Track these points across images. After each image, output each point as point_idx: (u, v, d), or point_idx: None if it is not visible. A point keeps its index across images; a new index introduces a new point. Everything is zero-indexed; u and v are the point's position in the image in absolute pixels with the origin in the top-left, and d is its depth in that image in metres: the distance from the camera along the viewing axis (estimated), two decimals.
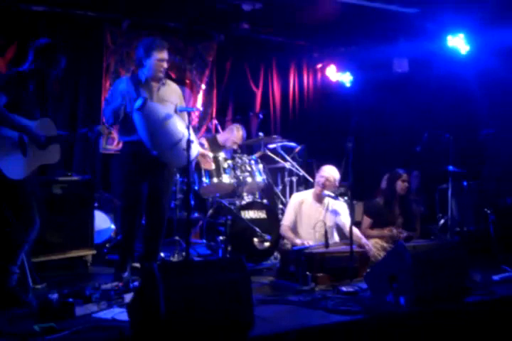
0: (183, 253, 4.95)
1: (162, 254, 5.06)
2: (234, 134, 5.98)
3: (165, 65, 4.41)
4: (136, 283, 3.74)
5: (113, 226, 5.65)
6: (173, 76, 7.05)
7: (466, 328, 3.56)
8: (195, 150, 4.45)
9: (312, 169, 6.35)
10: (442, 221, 6.05)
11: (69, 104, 6.55)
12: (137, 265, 4.71)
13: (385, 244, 5.02)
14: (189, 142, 4.08)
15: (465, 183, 6.06)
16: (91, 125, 4.17)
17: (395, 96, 7.29)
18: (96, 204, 5.60)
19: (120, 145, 5.16)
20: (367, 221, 5.31)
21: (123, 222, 4.52)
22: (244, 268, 3.14)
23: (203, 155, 4.85)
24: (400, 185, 5.28)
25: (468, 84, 6.68)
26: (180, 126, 4.32)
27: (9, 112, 3.57)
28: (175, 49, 7.13)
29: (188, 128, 4.15)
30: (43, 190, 4.76)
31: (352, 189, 4.68)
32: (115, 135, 6.51)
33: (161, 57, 4.37)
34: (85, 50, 6.65)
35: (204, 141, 5.71)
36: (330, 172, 5.06)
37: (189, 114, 4.32)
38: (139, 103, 4.13)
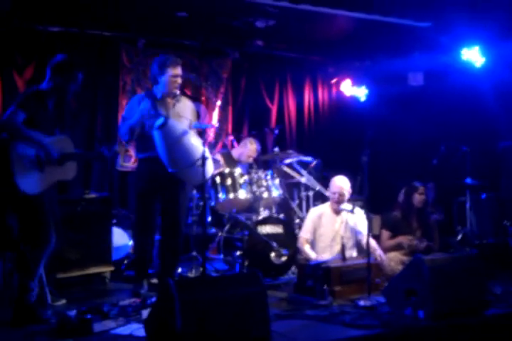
0: (201, 269, 4.96)
1: (179, 270, 5.08)
2: (248, 148, 6.02)
3: (179, 80, 4.47)
4: (153, 299, 3.76)
5: (131, 243, 5.68)
6: (188, 93, 7.11)
7: None
8: (211, 167, 4.48)
9: (328, 183, 6.34)
10: (461, 233, 5.99)
11: (86, 123, 6.62)
12: (155, 281, 4.73)
13: (403, 258, 4.98)
14: (204, 159, 4.11)
15: (483, 195, 6.01)
16: (109, 144, 4.23)
17: (411, 110, 7.28)
18: (114, 221, 5.64)
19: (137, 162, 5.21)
20: (385, 234, 5.28)
21: (135, 238, 4.58)
22: (260, 283, 3.14)
23: None
24: (417, 198, 5.27)
25: (484, 97, 6.63)
26: (196, 142, 4.35)
27: (28, 129, 3.65)
28: (190, 66, 7.22)
29: (203, 144, 4.19)
30: (61, 207, 4.83)
31: (368, 202, 4.67)
32: (132, 153, 6.60)
33: (175, 73, 4.43)
34: (102, 69, 6.75)
35: (219, 157, 5.74)
36: (340, 185, 5.07)
37: (204, 131, 4.36)
38: (160, 122, 4.19)
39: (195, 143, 4.34)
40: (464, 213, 5.69)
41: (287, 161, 6.03)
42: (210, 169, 4.40)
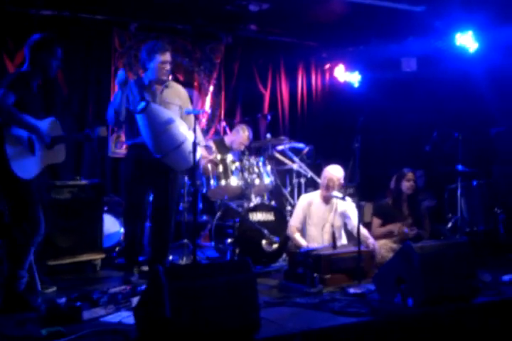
0: (192, 256, 4.96)
1: (171, 257, 5.07)
2: (240, 135, 5.99)
3: (167, 67, 4.42)
4: (143, 287, 3.75)
5: (122, 230, 5.67)
6: (181, 78, 7.07)
7: (475, 329, 3.52)
8: (198, 152, 4.46)
9: (321, 170, 6.31)
10: (452, 221, 6.00)
11: (78, 108, 6.59)
12: (146, 269, 4.73)
13: (393, 245, 4.99)
14: (195, 145, 4.09)
15: (474, 183, 6.00)
16: (93, 126, 4.19)
17: (404, 96, 7.26)
18: (106, 208, 5.63)
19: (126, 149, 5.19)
20: (376, 222, 5.29)
21: (125, 224, 4.58)
22: (249, 270, 3.13)
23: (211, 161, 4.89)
24: (406, 185, 5.26)
25: (478, 82, 6.61)
26: (182, 129, 4.33)
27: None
28: (183, 51, 7.17)
29: (194, 130, 4.16)
30: (52, 193, 4.81)
31: (360, 189, 4.65)
32: (123, 139, 6.56)
33: (164, 59, 4.38)
34: (94, 54, 6.71)
35: (212, 144, 5.71)
36: (332, 172, 5.04)
37: (196, 117, 4.33)
38: (141, 106, 4.16)
39: (182, 130, 4.32)
40: (455, 200, 5.69)
41: (279, 148, 6.01)
42: (197, 155, 4.37)
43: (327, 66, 8.23)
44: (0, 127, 3.56)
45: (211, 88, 7.41)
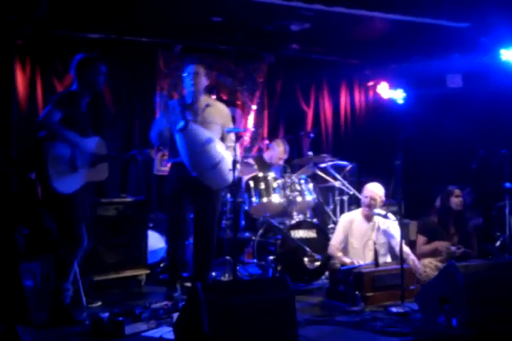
0: None
1: (213, 274, 5.11)
2: (276, 150, 6.04)
3: (192, 77, 4.49)
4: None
5: None
6: (224, 97, 7.18)
7: None
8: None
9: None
10: (500, 239, 5.84)
11: (124, 128, 6.73)
12: (189, 284, 4.78)
13: (439, 264, 4.88)
14: (235, 162, 4.14)
15: None
16: (141, 148, 4.30)
17: (449, 112, 7.15)
18: (151, 225, 5.73)
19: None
20: (421, 239, 5.20)
21: (167, 240, 4.66)
22: (288, 288, 3.14)
23: None
24: (455, 201, 5.17)
25: None
26: (220, 149, 4.40)
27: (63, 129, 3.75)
28: (226, 71, 7.28)
29: (234, 149, 4.22)
30: (98, 210, 4.93)
31: (403, 207, 4.60)
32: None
33: (189, 71, 4.51)
34: (139, 74, 6.86)
35: (252, 162, 5.75)
36: (372, 190, 5.00)
37: (237, 135, 4.40)
38: (180, 125, 4.26)
39: (220, 149, 4.39)
40: (504, 218, 5.53)
41: (322, 165, 6.00)
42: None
43: (370, 83, 8.20)
44: (43, 143, 3.70)
45: (254, 107, 7.48)
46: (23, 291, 3.85)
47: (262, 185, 5.21)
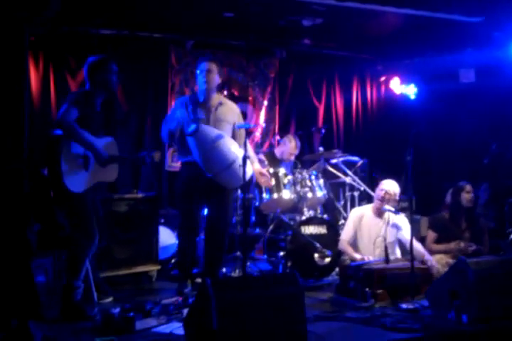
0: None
1: (224, 270, 5.13)
2: (287, 146, 6.02)
3: (205, 74, 4.48)
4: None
5: None
6: (236, 93, 7.19)
7: None
8: (250, 168, 4.51)
9: (376, 183, 6.25)
10: None
11: (136, 125, 6.76)
12: (200, 280, 4.79)
13: (450, 260, 4.85)
14: (245, 158, 4.15)
15: None
16: (149, 149, 4.33)
17: (461, 108, 7.10)
18: (162, 221, 5.76)
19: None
20: (432, 236, 5.19)
21: (178, 237, 4.68)
22: (297, 283, 3.13)
23: (261, 173, 4.89)
24: (466, 197, 5.14)
25: None
26: (234, 148, 4.40)
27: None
28: (238, 67, 7.28)
29: (245, 144, 4.22)
30: (109, 206, 4.96)
31: (415, 203, 4.57)
32: None
33: (202, 68, 4.50)
34: (151, 70, 6.89)
35: (263, 158, 5.75)
36: (389, 185, 4.98)
37: (247, 131, 4.39)
38: (192, 128, 4.28)
39: (231, 147, 4.39)
40: None
41: (333, 161, 5.99)
42: (249, 171, 4.42)
43: (382, 79, 8.16)
44: (58, 141, 3.73)
45: (265, 102, 7.48)
46: (35, 287, 3.89)
47: (273, 181, 5.20)
